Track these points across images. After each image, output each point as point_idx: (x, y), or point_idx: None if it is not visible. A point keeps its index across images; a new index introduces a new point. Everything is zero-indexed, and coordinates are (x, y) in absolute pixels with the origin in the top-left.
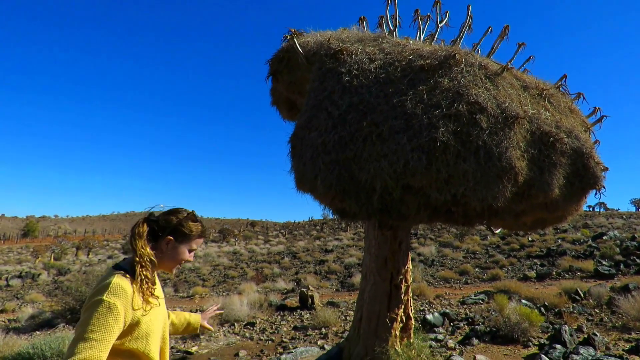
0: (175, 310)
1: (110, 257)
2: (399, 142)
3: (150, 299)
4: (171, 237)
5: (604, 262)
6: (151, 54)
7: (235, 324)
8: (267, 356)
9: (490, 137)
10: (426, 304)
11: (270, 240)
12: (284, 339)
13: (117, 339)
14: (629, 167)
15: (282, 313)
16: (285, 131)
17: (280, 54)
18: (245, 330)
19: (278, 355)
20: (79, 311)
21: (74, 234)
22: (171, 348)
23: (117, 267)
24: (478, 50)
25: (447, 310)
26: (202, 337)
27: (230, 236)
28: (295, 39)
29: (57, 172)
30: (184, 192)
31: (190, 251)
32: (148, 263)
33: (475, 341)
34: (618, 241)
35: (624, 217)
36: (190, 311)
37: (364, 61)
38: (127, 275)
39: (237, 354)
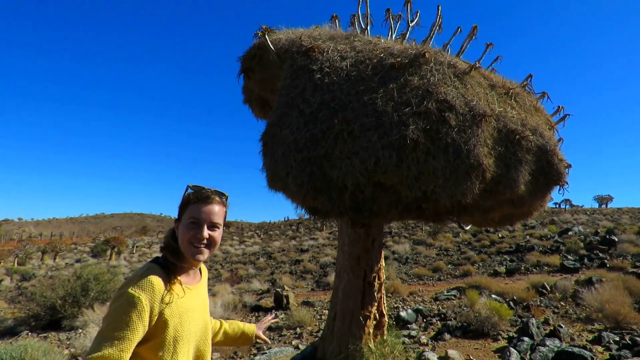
0: (229, 320)
1: (78, 260)
2: (369, 139)
3: (180, 298)
4: (177, 218)
5: (569, 257)
6: (119, 51)
7: None
8: (240, 358)
9: (458, 135)
10: (400, 301)
11: (245, 240)
12: (257, 341)
13: (140, 343)
14: (592, 166)
15: (257, 314)
16: (259, 130)
17: (252, 51)
18: None
19: (252, 356)
20: (44, 317)
21: (40, 238)
22: None
23: (155, 260)
24: (448, 50)
25: (421, 307)
26: None
27: None
28: (266, 36)
29: (20, 174)
30: (155, 192)
31: (192, 224)
32: (174, 253)
33: (447, 336)
34: (582, 236)
35: (588, 213)
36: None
37: (335, 59)
38: (162, 269)
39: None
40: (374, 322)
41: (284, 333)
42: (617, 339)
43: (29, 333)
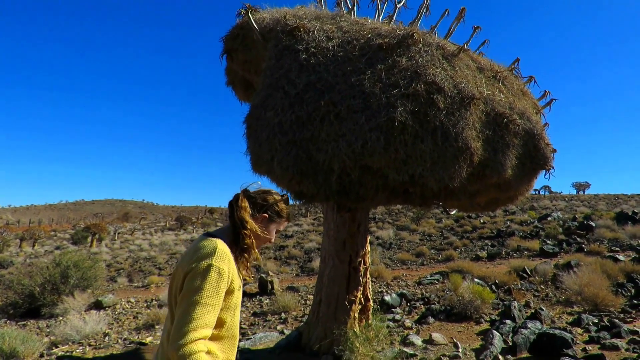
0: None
1: (58, 248)
2: (357, 121)
3: (246, 272)
4: (266, 215)
5: (548, 242)
6: (94, 32)
7: None
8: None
9: (447, 118)
10: (384, 285)
11: None
12: (242, 326)
13: None
14: (570, 152)
15: (242, 300)
16: (243, 112)
17: (235, 30)
18: None
19: None
20: (23, 305)
21: (18, 225)
22: (124, 339)
23: (212, 236)
24: (435, 33)
25: (404, 291)
26: (157, 327)
27: (187, 224)
28: (250, 15)
29: None
30: (138, 179)
31: (276, 232)
32: (254, 237)
33: (431, 320)
34: (561, 222)
35: (566, 199)
36: (147, 301)
37: (321, 39)
38: (226, 244)
39: None
40: (359, 307)
41: (268, 318)
42: (596, 321)
43: (7, 321)
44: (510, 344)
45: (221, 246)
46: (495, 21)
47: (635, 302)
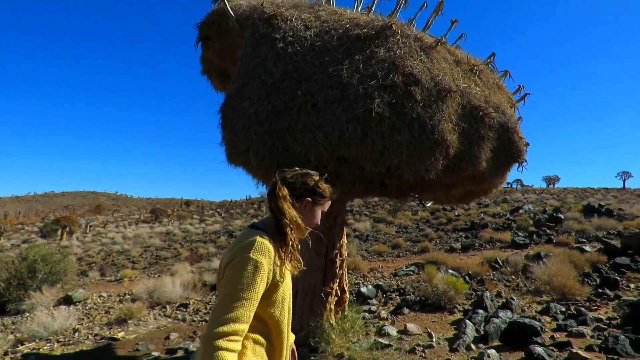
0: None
1: (25, 241)
2: (334, 112)
3: (291, 264)
4: (309, 199)
5: (519, 233)
6: (67, 20)
7: (167, 306)
8: (200, 337)
9: (424, 110)
10: (361, 277)
11: (205, 219)
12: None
13: None
14: (541, 146)
15: (217, 293)
16: (219, 102)
17: (210, 17)
18: (177, 312)
19: None
20: None
21: None
22: (95, 335)
23: (255, 228)
24: (414, 25)
25: (381, 283)
26: (130, 321)
27: (163, 216)
28: (226, 1)
29: None
30: (112, 170)
31: (322, 212)
32: (295, 226)
33: (406, 310)
34: (532, 214)
35: (537, 192)
36: (119, 295)
37: (299, 28)
38: (267, 236)
39: (167, 337)
40: (335, 299)
41: None
42: (564, 310)
43: None
44: (482, 333)
45: (261, 239)
46: (472, 15)
47: (600, 291)
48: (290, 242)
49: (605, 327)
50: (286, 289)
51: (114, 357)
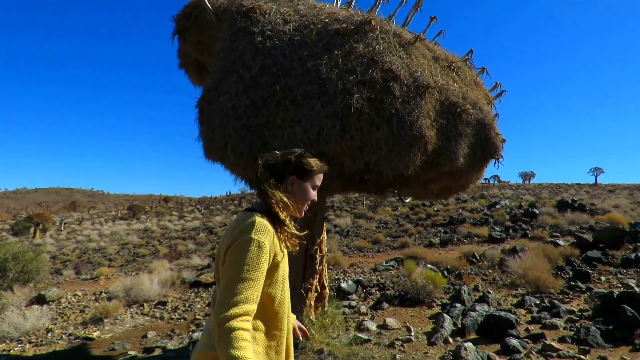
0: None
1: None
2: (313, 107)
3: (289, 242)
4: (295, 176)
5: (496, 228)
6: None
7: (145, 304)
8: (178, 335)
9: (402, 106)
10: (341, 272)
11: (185, 216)
12: (197, 317)
13: None
14: (517, 142)
15: (196, 290)
16: (197, 96)
17: (187, 9)
18: (155, 310)
19: (190, 333)
20: None
21: None
22: (69, 335)
23: (251, 210)
24: (393, 21)
25: (361, 278)
26: (105, 320)
27: (141, 213)
28: None
29: None
30: (87, 166)
31: (313, 188)
32: (283, 206)
33: (385, 305)
34: (508, 209)
35: (513, 188)
36: (95, 294)
37: (278, 22)
38: (265, 217)
39: (145, 336)
40: (315, 295)
41: None
42: (538, 302)
43: None
44: (460, 326)
45: (260, 219)
46: (451, 12)
47: (573, 283)
48: (284, 221)
49: (578, 318)
50: (285, 268)
51: (89, 357)
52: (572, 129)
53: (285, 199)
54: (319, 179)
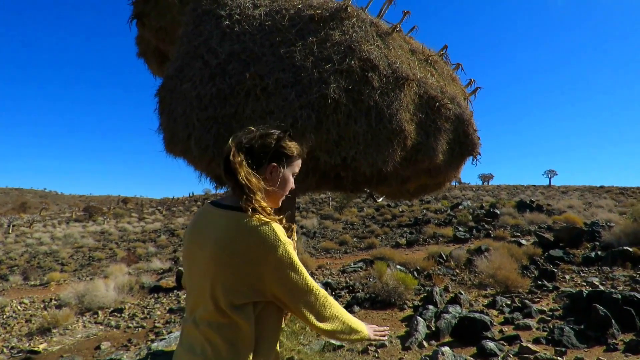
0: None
1: None
2: (286, 97)
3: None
4: (275, 164)
5: (460, 228)
6: None
7: (99, 311)
8: (135, 345)
9: (381, 98)
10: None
11: (145, 217)
12: (157, 324)
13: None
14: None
15: (156, 295)
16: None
17: None
18: (110, 318)
19: (149, 342)
20: None
21: None
22: (10, 348)
23: (229, 208)
24: (367, 13)
25: (329, 280)
26: (54, 331)
27: (97, 214)
28: None
29: None
30: (38, 166)
31: (293, 176)
32: (265, 198)
33: (356, 308)
34: (471, 210)
35: (474, 189)
36: (44, 301)
37: (247, 6)
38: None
39: (98, 347)
40: None
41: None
42: (509, 302)
43: None
44: (434, 329)
45: (274, 224)
46: (422, 7)
47: (540, 283)
48: (270, 215)
49: (549, 318)
50: None
51: None
52: (526, 132)
53: (261, 186)
54: (297, 166)
